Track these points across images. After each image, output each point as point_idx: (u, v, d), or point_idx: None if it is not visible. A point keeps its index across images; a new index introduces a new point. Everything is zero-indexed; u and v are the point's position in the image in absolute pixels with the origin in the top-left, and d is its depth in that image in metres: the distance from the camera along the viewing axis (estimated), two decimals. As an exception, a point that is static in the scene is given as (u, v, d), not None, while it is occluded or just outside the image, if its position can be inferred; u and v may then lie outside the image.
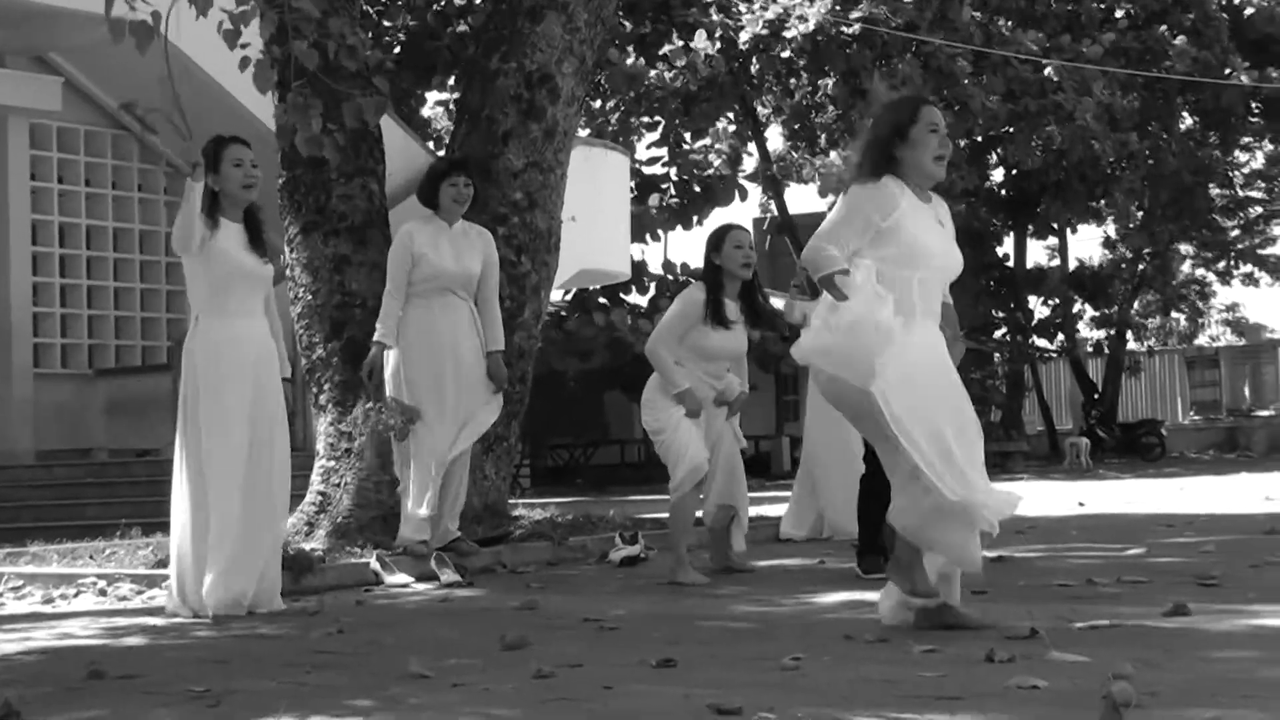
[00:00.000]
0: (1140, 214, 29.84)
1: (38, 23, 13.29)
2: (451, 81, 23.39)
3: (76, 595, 7.32)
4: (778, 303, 11.79)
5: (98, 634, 5.94)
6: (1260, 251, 33.31)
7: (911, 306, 5.03)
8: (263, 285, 6.63)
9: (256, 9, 6.34)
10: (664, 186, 24.79)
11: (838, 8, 24.25)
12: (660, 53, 24.55)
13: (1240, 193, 32.58)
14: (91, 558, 8.37)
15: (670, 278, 24.31)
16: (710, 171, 25.20)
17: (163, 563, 7.29)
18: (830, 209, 5.31)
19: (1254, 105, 28.87)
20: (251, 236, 6.59)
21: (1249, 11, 27.57)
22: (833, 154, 29.46)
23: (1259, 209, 32.57)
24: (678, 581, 7.13)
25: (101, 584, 7.45)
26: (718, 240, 7.40)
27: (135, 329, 15.69)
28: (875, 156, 5.17)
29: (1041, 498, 14.50)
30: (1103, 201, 29.60)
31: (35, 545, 9.28)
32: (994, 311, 30.96)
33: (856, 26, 24.01)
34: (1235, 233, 33.21)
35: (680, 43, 24.38)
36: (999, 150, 27.98)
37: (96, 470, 13.66)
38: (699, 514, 7.72)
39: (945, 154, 5.17)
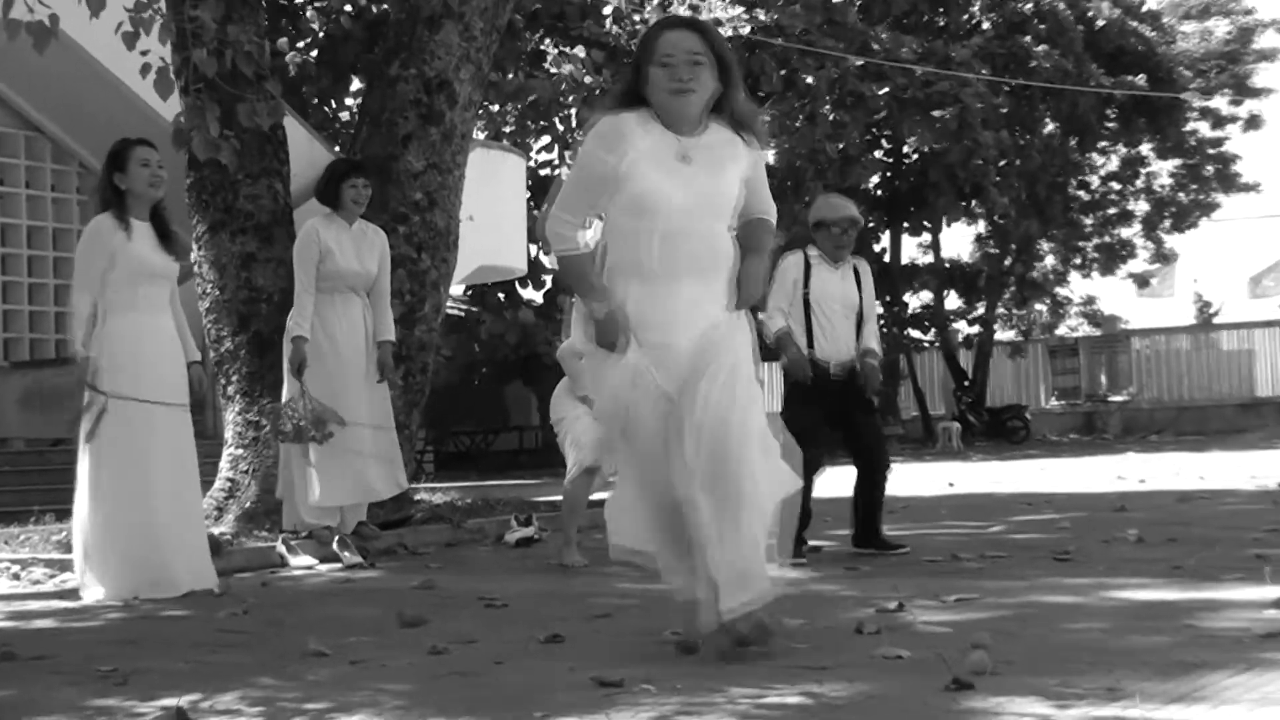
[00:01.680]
0: (1010, 211, 30.25)
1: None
2: (354, 87, 23.10)
3: (-10, 580, 7.20)
4: None
5: (9, 617, 5.84)
6: (1122, 252, 33.85)
7: (651, 268, 4.22)
8: (169, 282, 6.56)
9: (155, 16, 6.27)
10: None
11: (743, 14, 24.07)
12: (544, 61, 24.35)
13: (1097, 194, 33.12)
14: (6, 543, 8.22)
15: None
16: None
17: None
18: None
19: (1109, 112, 29.40)
20: (160, 234, 6.53)
21: (1100, 23, 28.06)
22: None
23: (1114, 209, 33.12)
24: (562, 563, 7.15)
25: (15, 568, 7.32)
26: None
27: (49, 323, 15.40)
28: (617, 93, 4.44)
29: (915, 479, 14.67)
30: (974, 201, 29.95)
31: (-50, 532, 9.09)
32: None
33: (748, 29, 23.92)
34: (1089, 227, 33.72)
35: (556, 50, 24.09)
36: (870, 155, 28.29)
37: (11, 459, 13.39)
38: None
39: (682, 84, 4.22)
